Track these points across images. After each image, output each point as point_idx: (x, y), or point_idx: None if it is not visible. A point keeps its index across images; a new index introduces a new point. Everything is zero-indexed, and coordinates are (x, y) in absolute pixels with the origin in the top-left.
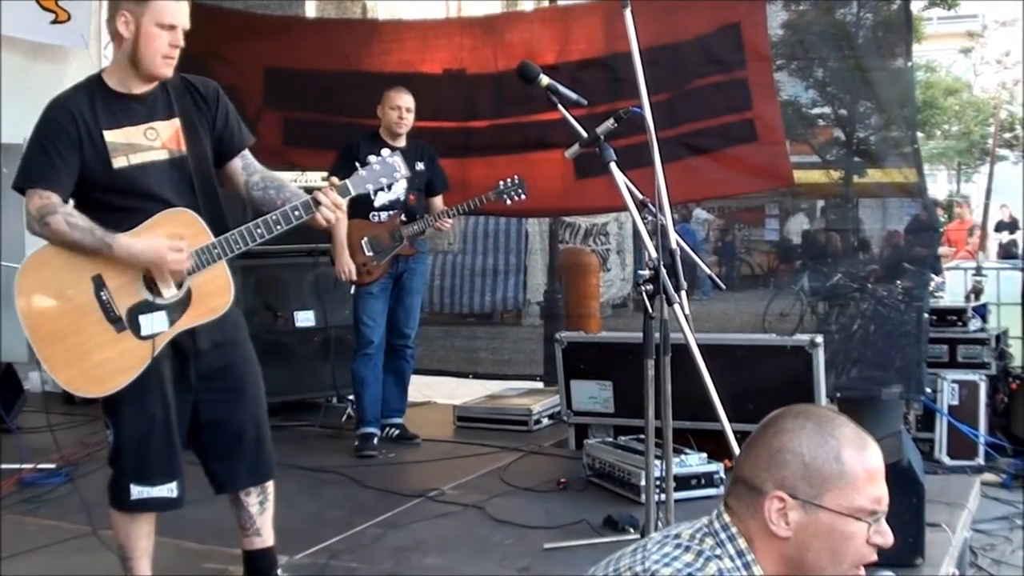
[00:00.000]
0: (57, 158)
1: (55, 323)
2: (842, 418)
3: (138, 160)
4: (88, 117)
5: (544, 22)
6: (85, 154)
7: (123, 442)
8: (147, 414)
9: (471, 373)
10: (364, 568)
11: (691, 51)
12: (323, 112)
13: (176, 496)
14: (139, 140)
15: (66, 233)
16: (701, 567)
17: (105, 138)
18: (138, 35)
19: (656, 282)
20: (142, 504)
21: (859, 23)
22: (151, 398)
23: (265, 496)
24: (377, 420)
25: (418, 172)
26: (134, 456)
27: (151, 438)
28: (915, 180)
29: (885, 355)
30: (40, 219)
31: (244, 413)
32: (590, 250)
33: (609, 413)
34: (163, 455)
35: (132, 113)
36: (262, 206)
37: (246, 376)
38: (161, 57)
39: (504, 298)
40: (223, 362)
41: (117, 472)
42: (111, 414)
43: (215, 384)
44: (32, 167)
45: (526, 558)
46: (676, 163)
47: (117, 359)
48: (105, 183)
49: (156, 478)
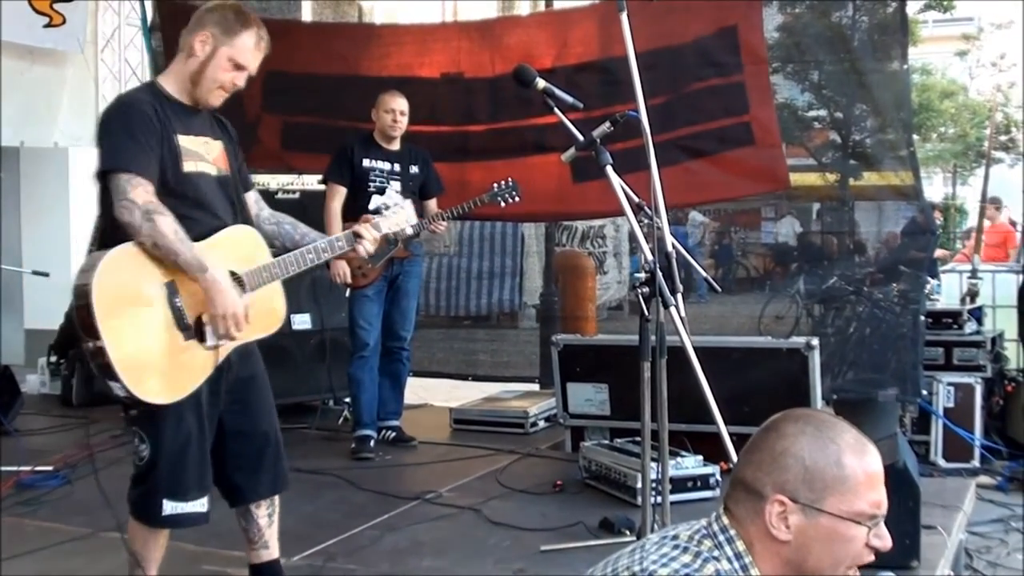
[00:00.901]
0: (147, 148)
1: (130, 325)
2: (843, 423)
3: (200, 169)
4: (162, 116)
5: (541, 26)
6: (163, 152)
7: (160, 457)
8: (185, 429)
9: (470, 375)
10: (361, 570)
11: (688, 54)
12: (322, 116)
13: (207, 511)
14: (199, 150)
15: (168, 238)
16: (699, 568)
17: (178, 141)
18: (209, 59)
19: (652, 285)
20: (173, 520)
21: (855, 26)
22: (189, 413)
23: (274, 509)
24: (373, 423)
25: (412, 175)
26: (169, 471)
27: (187, 453)
28: (911, 183)
29: (881, 358)
30: (146, 212)
31: (267, 423)
32: (587, 253)
33: (605, 416)
34: (197, 470)
35: (192, 123)
36: (274, 239)
37: (266, 386)
38: (218, 88)
39: (500, 301)
40: (248, 373)
41: (149, 488)
42: (148, 428)
43: (242, 396)
44: (124, 151)
45: (522, 560)
46: (673, 167)
47: (183, 367)
48: (172, 185)
49: (190, 493)
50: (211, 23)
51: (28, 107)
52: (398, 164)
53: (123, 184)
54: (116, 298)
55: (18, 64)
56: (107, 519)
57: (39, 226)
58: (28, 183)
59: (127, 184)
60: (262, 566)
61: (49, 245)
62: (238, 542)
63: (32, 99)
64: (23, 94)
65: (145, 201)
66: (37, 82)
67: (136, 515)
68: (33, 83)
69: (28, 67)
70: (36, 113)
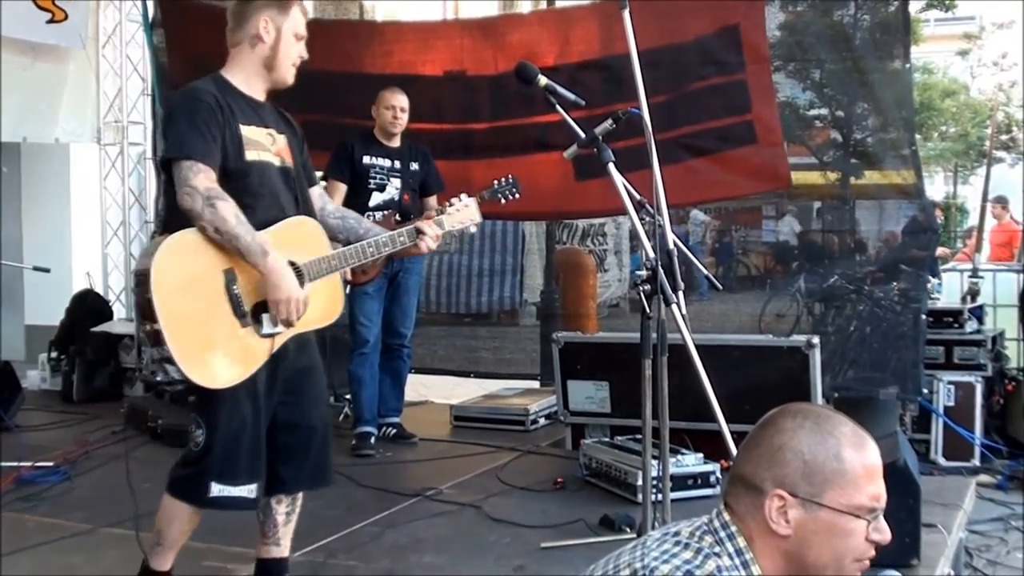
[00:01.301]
0: (210, 137)
1: (188, 310)
2: (841, 417)
3: (262, 158)
4: (225, 106)
5: (544, 24)
6: (225, 140)
7: (214, 441)
8: (240, 415)
9: (472, 372)
10: (361, 567)
11: (690, 53)
12: (327, 113)
13: (255, 497)
14: (263, 140)
15: (231, 224)
16: (700, 564)
17: (241, 130)
18: (279, 40)
19: (654, 282)
20: (219, 502)
21: (856, 24)
22: (245, 400)
23: (294, 508)
24: (374, 419)
25: (412, 172)
26: (222, 455)
27: (241, 439)
28: (913, 182)
29: (881, 356)
30: (208, 198)
31: (318, 416)
32: (587, 251)
33: (606, 413)
34: (250, 456)
35: (257, 114)
36: (338, 232)
37: (322, 378)
38: (292, 65)
39: (501, 298)
40: (305, 364)
41: (199, 469)
42: (204, 413)
43: (296, 387)
44: (189, 140)
45: (522, 557)
46: (676, 165)
47: (239, 354)
48: (235, 173)
49: (240, 478)
50: (264, 7)
51: (30, 103)
52: (398, 161)
53: (185, 171)
54: (175, 283)
55: (21, 60)
56: (108, 515)
57: (40, 222)
58: (29, 179)
59: (189, 171)
60: (270, 562)
61: (50, 241)
62: (240, 538)
63: (34, 95)
64: (26, 90)
65: (206, 187)
66: (39, 78)
67: (179, 493)
68: (35, 79)
69: (31, 63)
70: (38, 109)
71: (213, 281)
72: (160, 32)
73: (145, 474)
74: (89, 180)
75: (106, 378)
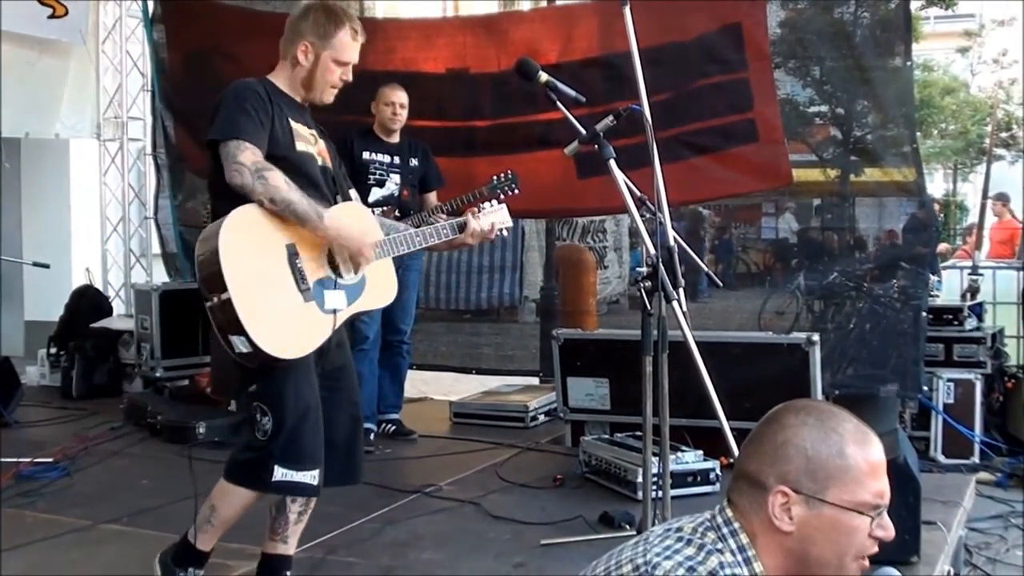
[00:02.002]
0: (259, 123)
1: (255, 280)
2: (844, 413)
3: (311, 151)
4: (276, 101)
5: (546, 21)
6: (275, 129)
7: (282, 425)
8: (304, 400)
9: (473, 368)
10: (361, 563)
11: (693, 51)
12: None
13: (317, 484)
14: (309, 138)
15: (284, 191)
16: (702, 560)
17: (292, 124)
18: (316, 66)
19: (654, 279)
20: (282, 486)
21: (857, 22)
22: (308, 386)
23: (307, 508)
24: (373, 416)
25: (412, 168)
26: (288, 439)
27: (306, 423)
28: (914, 179)
29: (881, 353)
30: (257, 171)
31: (353, 412)
32: (587, 247)
33: (605, 410)
34: (314, 442)
35: (302, 115)
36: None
37: (354, 377)
38: (330, 88)
39: (500, 295)
40: (341, 361)
41: (264, 453)
42: (270, 400)
43: (336, 383)
44: (238, 122)
45: (522, 554)
46: (678, 163)
47: (304, 327)
48: (286, 160)
49: (304, 463)
50: (308, 32)
51: (32, 98)
52: (398, 157)
53: (231, 150)
54: (241, 254)
55: (28, 54)
56: (106, 511)
57: (39, 218)
58: (28, 174)
59: (235, 149)
60: (274, 558)
61: (49, 237)
62: (239, 535)
63: (36, 90)
64: (29, 85)
65: (254, 162)
66: (43, 74)
67: (240, 479)
68: (39, 75)
69: (37, 57)
70: (39, 104)
71: (277, 254)
72: (160, 28)
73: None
74: (89, 176)
75: (105, 374)
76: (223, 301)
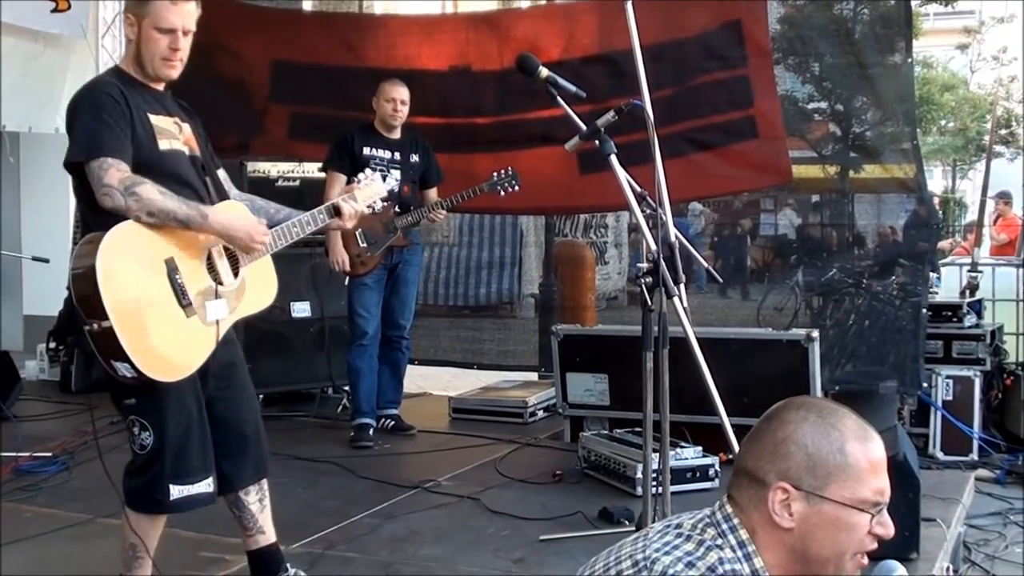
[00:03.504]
0: (120, 132)
1: (136, 304)
2: (844, 410)
3: (174, 147)
4: (130, 98)
5: (548, 18)
6: (136, 132)
7: (165, 442)
8: (186, 410)
9: (474, 364)
10: (360, 558)
11: (694, 48)
12: (330, 106)
13: (213, 491)
14: (172, 129)
15: (159, 202)
16: (701, 556)
17: (151, 120)
18: (139, 38)
19: (655, 275)
20: (183, 504)
21: (856, 18)
22: (188, 395)
23: (263, 493)
24: (372, 411)
25: (413, 164)
26: (175, 455)
27: (191, 434)
28: (914, 175)
29: (880, 350)
30: (126, 189)
31: (249, 410)
32: (588, 243)
33: (604, 406)
34: (201, 450)
35: (161, 103)
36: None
37: (246, 372)
38: (160, 59)
39: (499, 291)
40: (229, 359)
41: (154, 474)
42: (149, 414)
43: (225, 382)
44: (98, 138)
45: (521, 549)
46: (679, 159)
47: (188, 344)
48: (150, 164)
49: (196, 475)
50: (129, 3)
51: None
52: (398, 153)
53: (96, 171)
54: (119, 278)
55: (33, 47)
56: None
57: (39, 212)
58: (28, 169)
59: (100, 170)
60: (261, 551)
61: (49, 231)
62: (236, 528)
63: (39, 85)
64: (33, 79)
65: (120, 180)
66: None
67: (138, 505)
68: (41, 69)
69: (41, 51)
70: (44, 99)
71: (156, 271)
72: None
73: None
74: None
75: (104, 369)
76: (104, 329)
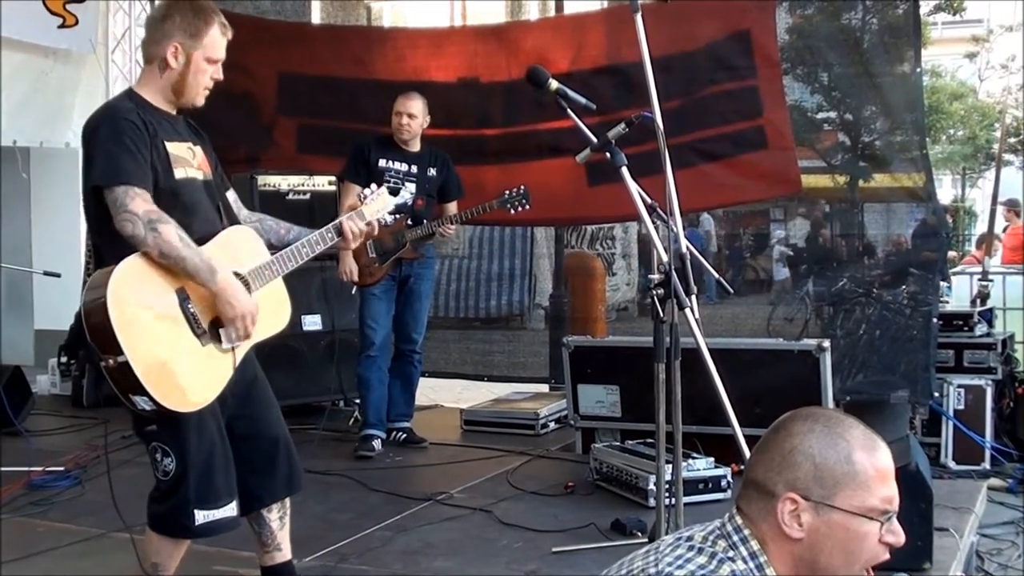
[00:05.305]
0: (141, 158)
1: (149, 337)
2: (851, 420)
3: (189, 175)
4: (148, 124)
5: (556, 30)
6: (154, 159)
7: (189, 467)
8: (208, 435)
9: (485, 376)
10: (373, 570)
11: (702, 58)
12: (338, 119)
13: (237, 514)
14: (186, 155)
15: (175, 247)
16: (715, 569)
17: (167, 148)
18: (187, 67)
19: (667, 286)
20: (208, 529)
21: (865, 28)
22: (209, 419)
23: (285, 511)
24: (381, 422)
25: (429, 177)
26: (199, 480)
27: (214, 459)
28: (924, 184)
29: (891, 360)
30: (149, 223)
31: (276, 425)
32: (596, 254)
33: (616, 417)
34: (224, 475)
35: (176, 130)
36: (261, 236)
37: (268, 387)
38: (203, 89)
39: (511, 302)
40: (251, 375)
41: (180, 500)
42: (171, 440)
43: (248, 400)
44: (121, 164)
45: (534, 561)
46: (688, 169)
47: (204, 373)
48: (166, 192)
49: (221, 500)
50: (175, 32)
51: (47, 108)
52: (415, 166)
53: (120, 197)
54: (132, 311)
55: (43, 63)
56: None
57: (50, 226)
58: (39, 183)
59: (124, 196)
60: (276, 568)
61: (60, 246)
62: (249, 542)
63: (51, 100)
64: (44, 95)
65: (146, 211)
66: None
67: (163, 529)
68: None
69: (52, 66)
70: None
71: (168, 303)
72: None
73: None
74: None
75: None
76: (120, 363)
